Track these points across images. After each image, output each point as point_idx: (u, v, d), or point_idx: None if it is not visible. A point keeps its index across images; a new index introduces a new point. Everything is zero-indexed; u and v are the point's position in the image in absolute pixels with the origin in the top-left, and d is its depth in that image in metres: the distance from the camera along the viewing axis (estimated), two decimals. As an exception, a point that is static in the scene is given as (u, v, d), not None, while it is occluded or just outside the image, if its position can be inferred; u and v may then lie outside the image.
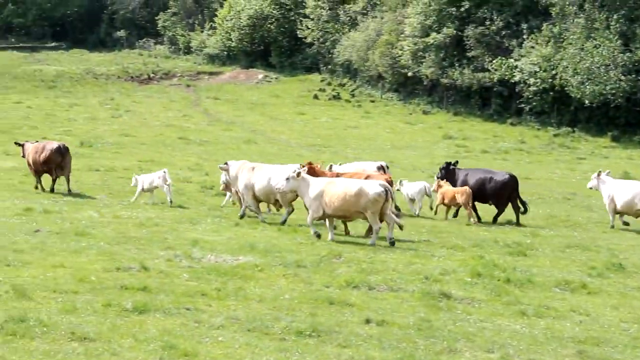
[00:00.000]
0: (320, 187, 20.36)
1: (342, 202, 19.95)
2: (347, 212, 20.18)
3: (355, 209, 20.01)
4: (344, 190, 20.01)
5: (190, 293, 14.44)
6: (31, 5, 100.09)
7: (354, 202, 19.86)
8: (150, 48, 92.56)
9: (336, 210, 20.13)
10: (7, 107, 54.70)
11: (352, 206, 19.94)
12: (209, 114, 57.81)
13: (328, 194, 20.09)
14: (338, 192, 20.01)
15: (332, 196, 20.00)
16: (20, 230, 19.37)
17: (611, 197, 24.95)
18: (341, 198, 19.92)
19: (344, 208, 20.05)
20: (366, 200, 19.76)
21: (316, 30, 72.01)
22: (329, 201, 20.05)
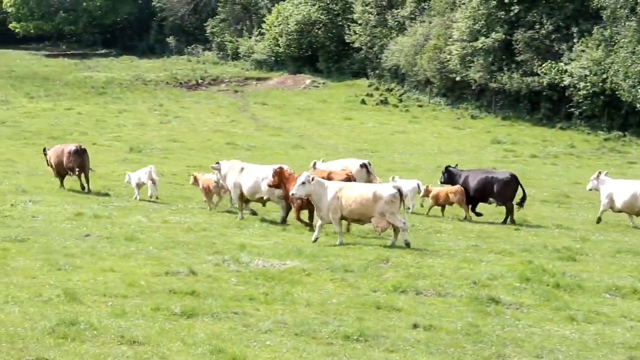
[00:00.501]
0: (335, 190, 20.42)
1: (359, 206, 20.12)
2: (363, 215, 20.36)
3: (371, 213, 20.12)
4: (360, 193, 20.22)
5: (238, 297, 14.47)
6: (82, 13, 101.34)
7: (370, 206, 20.02)
8: (199, 54, 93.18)
9: (352, 213, 20.29)
10: (58, 114, 55.38)
11: (369, 210, 20.09)
12: (256, 120, 58.04)
13: (344, 197, 20.23)
14: (354, 196, 20.17)
15: (349, 199, 20.15)
16: (71, 235, 19.58)
17: (610, 197, 25.59)
18: (358, 202, 20.08)
19: (360, 212, 20.22)
20: (383, 203, 19.91)
21: (364, 35, 71.98)
22: (346, 204, 20.19)
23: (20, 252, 17.03)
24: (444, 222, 25.13)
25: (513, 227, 24.54)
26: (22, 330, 11.68)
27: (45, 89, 69.18)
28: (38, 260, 16.37)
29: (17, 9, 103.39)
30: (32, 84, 72.20)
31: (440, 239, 21.73)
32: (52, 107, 58.66)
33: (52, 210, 23.73)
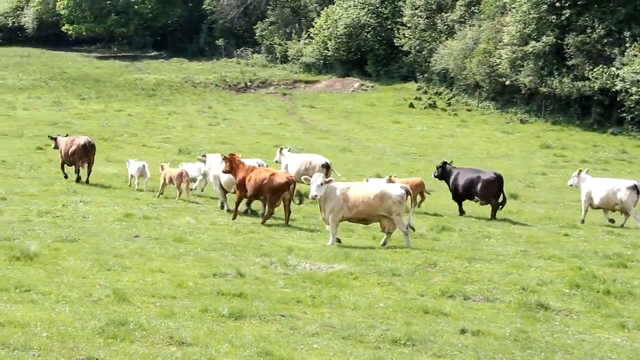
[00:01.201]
0: (343, 190, 20.49)
1: (367, 207, 20.23)
2: (370, 215, 20.50)
3: (380, 212, 20.26)
4: (367, 193, 20.33)
5: (285, 300, 14.50)
6: (133, 16, 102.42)
7: (378, 205, 20.14)
8: (248, 57, 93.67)
9: (359, 213, 20.39)
10: (109, 115, 55.95)
11: (377, 210, 20.23)
12: (304, 122, 58.14)
13: (351, 197, 20.32)
14: (361, 196, 20.28)
15: (357, 199, 20.25)
16: (120, 236, 19.75)
17: (589, 194, 27.03)
18: (365, 202, 20.18)
19: (367, 211, 20.34)
20: (390, 203, 20.07)
21: (413, 39, 71.85)
22: (352, 204, 20.28)
23: (71, 252, 17.21)
24: (492, 226, 24.98)
25: (562, 233, 24.30)
26: (73, 330, 11.79)
27: (96, 90, 69.97)
28: (88, 261, 16.53)
29: (70, 11, 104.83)
30: (84, 85, 73.07)
31: (488, 244, 21.61)
32: (103, 109, 59.28)
33: (102, 210, 23.99)
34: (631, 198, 26.27)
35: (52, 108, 58.40)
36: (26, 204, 24.35)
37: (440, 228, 23.39)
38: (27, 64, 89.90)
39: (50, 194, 26.68)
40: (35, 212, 22.90)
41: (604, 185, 26.97)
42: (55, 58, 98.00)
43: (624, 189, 26.35)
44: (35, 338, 11.30)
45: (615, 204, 26.67)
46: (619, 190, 26.42)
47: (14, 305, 12.76)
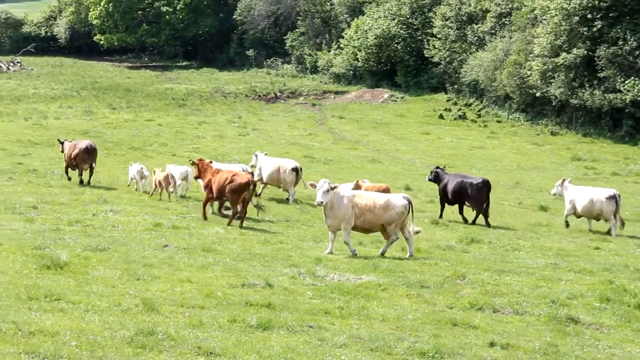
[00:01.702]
0: (350, 199, 20.50)
1: (373, 215, 20.33)
2: (374, 225, 20.58)
3: (382, 222, 20.39)
4: (373, 203, 20.41)
5: (313, 311, 14.49)
6: (165, 26, 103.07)
7: (382, 215, 20.30)
8: (278, 67, 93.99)
9: (364, 222, 20.47)
10: (139, 125, 56.24)
11: (380, 219, 20.36)
12: (334, 133, 58.16)
13: (357, 207, 20.39)
14: (368, 205, 20.35)
15: (363, 208, 20.33)
16: (149, 245, 19.83)
17: (572, 203, 27.93)
18: (371, 210, 20.29)
19: (372, 221, 20.43)
20: (394, 213, 20.26)
21: (443, 50, 71.75)
22: (359, 213, 20.36)
23: (100, 262, 17.30)
24: (522, 239, 24.85)
25: (593, 246, 24.14)
26: (102, 339, 11.84)
27: (127, 100, 70.37)
28: (118, 270, 16.61)
29: (102, 21, 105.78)
30: (115, 95, 73.52)
31: (518, 256, 21.49)
32: (134, 118, 59.60)
33: (131, 220, 24.09)
34: (610, 207, 27.15)
35: (83, 117, 58.80)
36: (57, 213, 24.50)
37: (469, 240, 23.30)
38: (59, 73, 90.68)
39: (80, 203, 26.84)
40: (66, 221, 23.04)
41: (586, 194, 27.84)
42: (86, 68, 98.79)
43: (604, 198, 27.27)
44: (64, 347, 11.37)
45: (597, 213, 27.54)
46: (600, 200, 27.34)
47: (43, 314, 12.84)
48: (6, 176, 32.04)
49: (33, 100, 67.51)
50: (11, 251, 17.61)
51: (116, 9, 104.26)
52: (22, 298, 13.80)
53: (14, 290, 14.27)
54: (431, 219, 27.79)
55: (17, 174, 33.08)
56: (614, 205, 27.22)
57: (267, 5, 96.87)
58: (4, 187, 29.67)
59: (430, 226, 26.68)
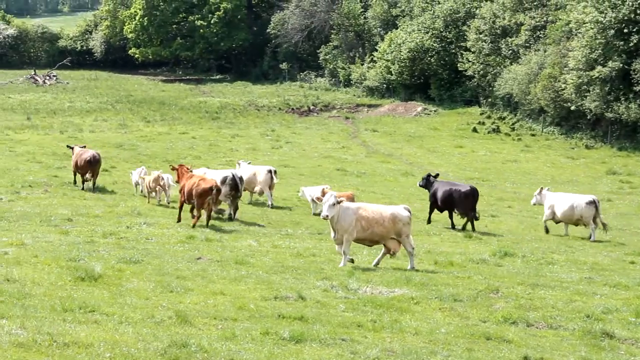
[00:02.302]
0: (355, 212, 20.44)
1: (382, 228, 20.36)
2: (383, 237, 20.54)
3: (392, 234, 20.44)
4: (381, 215, 20.43)
5: (346, 324, 14.46)
6: (199, 39, 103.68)
7: (391, 227, 20.34)
8: (311, 80, 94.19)
9: (374, 235, 20.46)
10: (173, 138, 56.58)
11: (390, 231, 20.39)
12: (367, 146, 58.16)
13: (364, 219, 20.33)
14: (375, 218, 20.36)
15: (371, 221, 20.31)
16: (183, 258, 19.92)
17: (552, 209, 29.02)
18: (380, 223, 20.30)
19: (382, 233, 20.43)
20: (401, 225, 20.35)
21: (477, 63, 71.54)
22: (367, 225, 20.31)
23: (134, 274, 17.39)
24: (556, 253, 24.67)
25: (628, 260, 23.91)
26: (136, 351, 11.88)
27: (161, 113, 70.83)
28: (151, 282, 16.69)
29: (137, 35, 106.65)
30: (149, 108, 74.02)
31: (552, 270, 21.34)
32: (168, 131, 59.98)
33: (165, 232, 24.22)
34: (590, 212, 28.14)
35: (117, 130, 59.27)
36: (91, 225, 24.70)
37: (502, 254, 23.17)
38: (94, 87, 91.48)
39: (114, 216, 27.04)
40: (100, 233, 23.22)
41: (565, 200, 28.91)
42: (121, 81, 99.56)
43: (583, 204, 28.32)
44: (98, 358, 11.43)
45: (577, 218, 28.55)
46: (579, 205, 28.39)
47: (78, 326, 12.91)
48: (42, 189, 32.37)
49: (69, 114, 68.17)
50: (46, 263, 17.76)
51: (151, 23, 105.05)
52: (57, 309, 13.90)
53: (49, 301, 14.39)
54: (465, 233, 27.69)
55: (52, 186, 33.42)
56: (593, 210, 28.20)
57: (301, 19, 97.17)
58: (39, 199, 29.97)
59: (463, 240, 26.58)
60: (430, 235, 27.24)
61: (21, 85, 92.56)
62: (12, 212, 26.50)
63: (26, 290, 15.10)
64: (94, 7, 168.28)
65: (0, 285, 15.37)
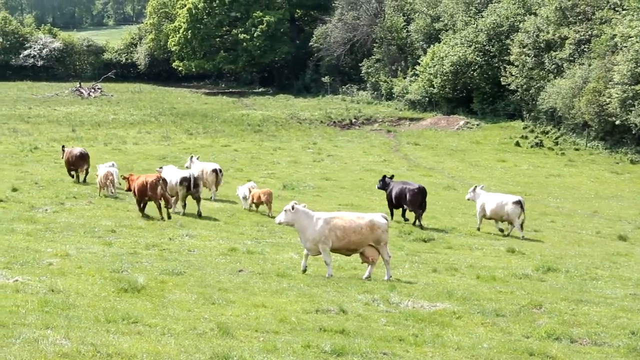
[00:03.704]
0: (325, 221, 20.42)
1: (360, 236, 20.28)
2: (360, 245, 20.47)
3: (369, 242, 20.38)
4: (358, 224, 20.35)
5: (387, 338, 14.41)
6: (242, 53, 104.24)
7: (368, 235, 20.28)
8: (353, 94, 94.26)
9: (350, 243, 20.37)
10: (216, 150, 56.86)
11: (367, 239, 20.32)
12: (408, 159, 58.05)
13: (339, 228, 20.25)
14: (352, 226, 20.30)
15: (347, 230, 20.24)
16: (224, 270, 19.99)
17: (482, 207, 31.88)
18: (357, 231, 20.26)
19: (359, 241, 20.36)
20: (380, 232, 20.31)
21: (520, 77, 71.12)
22: (342, 235, 20.23)
23: (176, 285, 17.49)
24: (601, 269, 24.43)
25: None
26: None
27: (203, 126, 71.26)
28: (193, 294, 16.76)
29: (181, 48, 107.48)
30: (192, 121, 74.52)
31: (596, 286, 21.14)
32: (210, 144, 60.30)
33: (207, 245, 24.34)
34: (515, 211, 30.90)
35: (161, 143, 59.70)
36: (134, 237, 24.89)
37: (545, 269, 23.00)
38: (138, 99, 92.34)
39: (157, 227, 27.22)
40: (143, 244, 23.38)
41: (495, 199, 31.67)
42: (165, 94, 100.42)
43: (510, 203, 31.04)
44: (141, 369, 11.50)
45: (503, 216, 31.34)
46: (506, 204, 31.08)
47: (121, 337, 13.00)
48: (86, 200, 32.68)
49: (113, 126, 68.83)
50: (90, 274, 17.91)
51: (195, 36, 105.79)
52: (100, 320, 14.01)
53: (93, 312, 14.50)
54: (507, 247, 27.50)
55: (96, 197, 33.72)
56: (519, 209, 30.96)
57: (344, 33, 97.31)
58: (83, 211, 30.25)
59: (506, 254, 26.42)
60: (472, 250, 27.11)
61: (66, 97, 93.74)
62: (56, 223, 26.77)
63: (70, 301, 15.24)
64: (139, 20, 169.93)
65: (45, 295, 15.53)
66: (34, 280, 16.95)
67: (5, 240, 22.62)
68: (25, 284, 16.45)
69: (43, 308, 14.45)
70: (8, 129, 63.16)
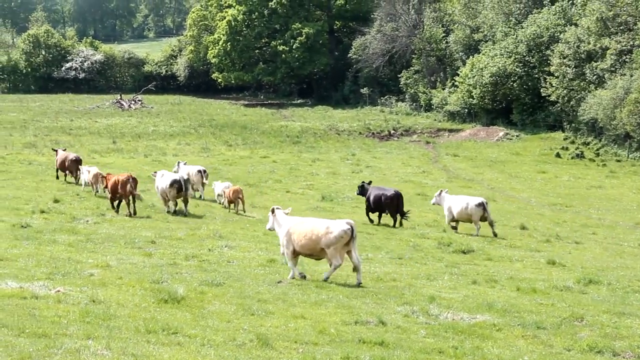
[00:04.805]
0: (289, 225, 20.90)
1: (309, 241, 20.44)
2: (313, 250, 20.63)
3: (321, 247, 20.41)
4: (312, 228, 20.53)
5: (427, 350, 14.35)
6: (281, 64, 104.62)
7: (319, 240, 20.34)
8: (392, 105, 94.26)
9: (303, 247, 20.60)
10: (254, 161, 57.08)
11: (318, 244, 20.38)
12: (447, 171, 57.85)
13: (296, 232, 20.60)
14: (305, 231, 20.52)
15: (299, 234, 20.53)
16: (264, 281, 20.02)
17: (449, 209, 33.67)
18: (308, 237, 20.43)
19: (310, 246, 20.50)
20: (331, 237, 20.23)
21: (560, 88, 70.64)
22: (297, 239, 20.55)
23: (216, 296, 17.54)
24: (643, 281, 24.14)
25: None
26: (217, 373, 11.98)
27: (243, 137, 71.57)
28: (233, 305, 16.81)
29: (220, 60, 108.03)
30: (231, 132, 74.87)
31: (638, 298, 20.88)
32: (249, 155, 60.53)
33: (246, 256, 24.39)
34: (478, 212, 32.75)
35: (200, 154, 60.04)
36: (174, 248, 25.01)
37: (587, 281, 22.76)
38: (177, 111, 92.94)
39: (196, 239, 27.33)
40: (183, 255, 23.49)
41: (459, 202, 33.46)
42: (204, 105, 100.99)
43: (473, 205, 32.86)
44: (180, 379, 11.53)
45: (467, 216, 33.09)
46: (471, 206, 32.88)
47: (161, 347, 13.06)
48: (126, 211, 32.92)
49: (153, 137, 69.33)
50: (130, 285, 18.02)
51: (234, 48, 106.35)
52: (140, 331, 14.09)
53: (133, 323, 14.59)
54: (547, 259, 27.28)
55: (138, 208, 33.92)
56: (482, 211, 32.73)
57: (383, 44, 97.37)
58: (124, 222, 30.48)
59: (546, 266, 26.20)
60: (512, 262, 26.92)
61: (107, 109, 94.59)
62: (97, 234, 26.99)
63: (111, 312, 15.34)
64: (179, 32, 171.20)
65: (87, 306, 15.66)
66: (75, 290, 17.09)
67: (47, 251, 22.84)
68: (67, 295, 16.59)
69: (84, 318, 14.57)
70: (50, 141, 63.84)
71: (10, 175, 44.24)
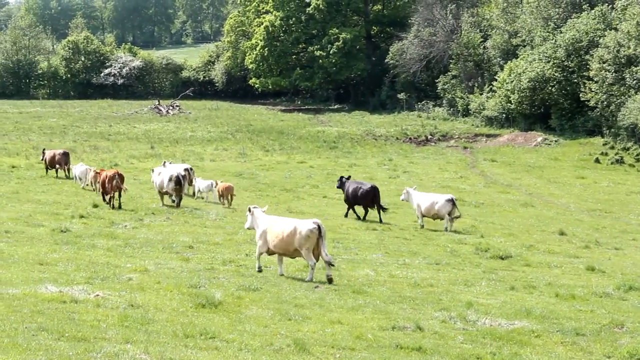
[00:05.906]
0: (265, 225, 21.74)
1: (280, 241, 21.09)
2: (286, 250, 21.31)
3: (293, 247, 20.98)
4: (282, 229, 21.15)
5: (464, 356, 14.29)
6: (318, 70, 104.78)
7: (289, 240, 20.92)
8: (429, 110, 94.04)
9: (276, 247, 21.31)
10: (291, 167, 57.19)
11: (289, 244, 20.99)
12: (485, 176, 57.56)
13: (270, 232, 21.38)
14: (277, 231, 21.18)
15: (272, 234, 21.30)
16: (300, 286, 20.05)
17: (418, 206, 34.81)
18: (279, 237, 21.07)
19: (282, 246, 21.17)
20: (299, 238, 20.73)
21: (600, 93, 70.01)
22: (271, 239, 21.31)
23: (253, 301, 17.59)
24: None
25: None
26: (254, 378, 12.00)
27: (280, 142, 71.75)
28: (270, 310, 16.84)
29: (257, 65, 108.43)
30: (268, 137, 75.10)
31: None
32: (286, 160, 60.65)
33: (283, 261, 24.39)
34: (446, 208, 33.96)
35: (237, 159, 60.27)
36: (211, 253, 25.10)
37: (627, 287, 22.51)
38: (215, 116, 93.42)
39: (234, 244, 27.42)
40: (220, 260, 23.57)
41: (428, 198, 34.71)
42: (241, 111, 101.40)
43: (442, 201, 34.10)
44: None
45: (435, 212, 34.28)
46: (438, 202, 34.10)
47: (199, 352, 13.12)
48: (164, 216, 33.11)
49: (190, 143, 69.72)
50: (168, 289, 18.12)
51: (271, 54, 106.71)
52: (178, 335, 14.16)
53: (171, 327, 14.67)
54: (586, 265, 27.03)
55: (174, 214, 34.13)
56: (450, 206, 33.94)
57: (420, 49, 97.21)
58: (162, 227, 30.65)
59: (585, 272, 25.96)
60: (550, 268, 26.71)
61: (145, 115, 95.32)
62: (135, 238, 27.15)
63: (149, 316, 15.44)
64: (217, 38, 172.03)
65: (125, 310, 15.76)
66: (114, 295, 17.22)
67: (86, 255, 23.03)
68: (105, 299, 16.72)
69: (123, 323, 14.67)
70: (89, 146, 64.46)
71: (50, 180, 44.75)
